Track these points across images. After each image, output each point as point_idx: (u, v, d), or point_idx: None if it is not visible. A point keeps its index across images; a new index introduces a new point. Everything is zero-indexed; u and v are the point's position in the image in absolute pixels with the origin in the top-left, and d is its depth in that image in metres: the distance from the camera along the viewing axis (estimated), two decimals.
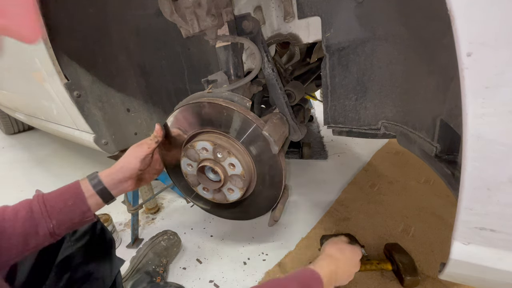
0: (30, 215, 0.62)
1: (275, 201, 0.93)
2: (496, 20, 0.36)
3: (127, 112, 1.21)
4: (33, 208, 0.63)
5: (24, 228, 0.61)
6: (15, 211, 0.62)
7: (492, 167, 0.43)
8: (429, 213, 1.39)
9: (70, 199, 0.67)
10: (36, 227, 0.62)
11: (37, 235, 0.62)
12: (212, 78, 0.90)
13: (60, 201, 0.66)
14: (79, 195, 0.68)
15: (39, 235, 0.62)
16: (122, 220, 1.56)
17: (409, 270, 1.01)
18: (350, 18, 0.73)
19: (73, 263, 0.78)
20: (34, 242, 0.62)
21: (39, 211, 0.63)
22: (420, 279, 0.99)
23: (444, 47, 0.52)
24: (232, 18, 0.80)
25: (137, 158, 0.78)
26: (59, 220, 0.64)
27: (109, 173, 0.74)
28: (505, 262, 0.50)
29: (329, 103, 0.87)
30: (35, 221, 0.62)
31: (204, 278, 1.15)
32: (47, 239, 0.64)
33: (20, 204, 0.64)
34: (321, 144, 2.27)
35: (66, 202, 0.66)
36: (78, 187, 0.69)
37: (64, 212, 0.65)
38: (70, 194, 0.68)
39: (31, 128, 3.37)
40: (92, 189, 0.71)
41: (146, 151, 0.79)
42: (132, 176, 0.78)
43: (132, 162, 0.77)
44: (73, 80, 1.01)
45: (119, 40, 1.12)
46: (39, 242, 0.63)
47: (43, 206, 0.64)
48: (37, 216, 0.63)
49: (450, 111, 0.56)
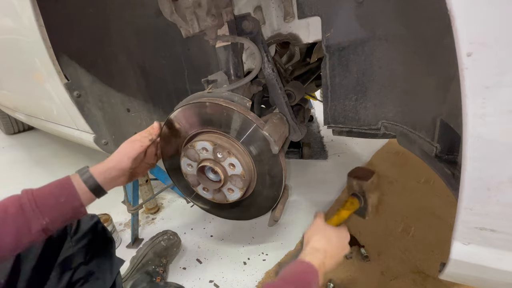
0: (21, 212, 0.61)
1: (275, 201, 0.93)
2: (496, 20, 0.36)
3: (127, 112, 1.21)
4: (23, 205, 0.61)
5: (16, 225, 0.60)
6: (4, 207, 0.61)
7: (492, 167, 0.43)
8: (429, 213, 1.39)
9: (62, 195, 0.66)
10: (29, 224, 0.61)
11: (29, 233, 0.61)
12: (212, 78, 0.90)
13: (51, 198, 0.65)
14: (71, 191, 0.67)
15: (32, 233, 0.61)
16: (122, 220, 1.56)
17: None
18: (350, 18, 0.73)
19: (74, 263, 0.78)
20: (27, 239, 0.61)
21: (30, 208, 0.61)
22: None
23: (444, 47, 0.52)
24: (232, 18, 0.80)
25: (129, 158, 0.76)
26: (52, 217, 0.63)
27: (102, 171, 0.73)
28: (505, 262, 0.50)
29: (329, 103, 0.87)
30: (27, 218, 0.61)
31: (204, 278, 1.15)
32: (40, 235, 0.63)
33: (8, 200, 0.62)
34: (321, 144, 2.27)
35: (58, 199, 0.65)
36: (70, 183, 0.68)
37: (57, 209, 0.64)
38: (62, 190, 0.67)
39: (31, 128, 3.37)
40: (84, 185, 0.69)
41: (139, 149, 0.78)
42: (124, 174, 0.77)
43: (124, 162, 0.76)
44: (73, 80, 1.01)
45: (119, 40, 1.12)
46: (32, 239, 0.62)
47: (34, 203, 0.62)
48: (29, 213, 0.61)
49: (450, 111, 0.56)
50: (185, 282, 1.13)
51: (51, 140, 2.94)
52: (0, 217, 0.59)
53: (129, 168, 0.77)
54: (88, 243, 0.81)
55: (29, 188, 0.66)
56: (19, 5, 0.89)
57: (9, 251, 0.60)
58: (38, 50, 0.94)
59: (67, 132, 1.34)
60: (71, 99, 1.03)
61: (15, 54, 1.20)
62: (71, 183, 0.68)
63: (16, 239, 0.60)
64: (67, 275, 0.76)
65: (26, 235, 0.61)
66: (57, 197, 0.65)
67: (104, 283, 0.83)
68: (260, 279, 1.13)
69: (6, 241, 0.59)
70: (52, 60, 0.95)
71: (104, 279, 0.83)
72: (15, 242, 0.60)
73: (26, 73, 1.25)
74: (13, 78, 1.47)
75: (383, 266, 1.12)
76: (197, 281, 1.14)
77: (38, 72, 1.09)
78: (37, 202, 0.63)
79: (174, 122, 0.90)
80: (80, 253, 0.79)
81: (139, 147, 0.78)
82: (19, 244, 0.60)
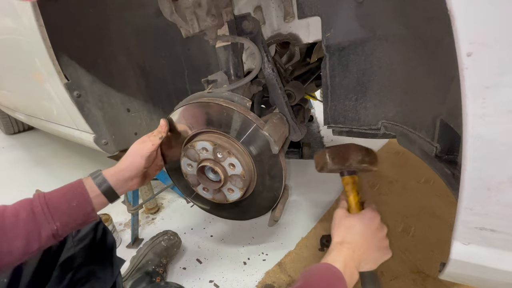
0: (32, 216, 0.60)
1: (275, 201, 0.93)
2: (496, 20, 0.36)
3: (127, 112, 1.21)
4: (34, 209, 0.61)
5: (26, 230, 0.59)
6: (16, 212, 0.60)
7: (492, 167, 0.43)
8: (429, 213, 1.39)
9: (74, 199, 0.65)
10: (39, 229, 0.60)
11: (39, 238, 0.60)
12: (212, 78, 0.90)
13: (64, 202, 0.64)
14: (83, 195, 0.66)
15: (42, 238, 0.60)
16: (122, 220, 1.56)
17: None
18: (350, 18, 0.72)
19: (75, 263, 0.78)
20: (36, 244, 0.60)
21: (41, 213, 0.60)
22: None
23: (444, 47, 0.52)
24: (232, 18, 0.80)
25: (143, 157, 0.75)
26: (63, 222, 0.62)
27: (114, 173, 0.72)
28: (505, 262, 0.50)
29: (329, 103, 0.87)
30: (38, 223, 0.60)
31: (204, 278, 1.15)
32: (50, 241, 0.62)
33: (20, 204, 0.62)
34: (321, 144, 2.27)
35: (70, 203, 0.64)
36: (82, 187, 0.67)
37: (68, 214, 0.63)
38: (74, 194, 0.66)
39: (31, 128, 3.38)
40: (97, 188, 0.68)
41: (151, 148, 0.77)
42: (137, 175, 0.76)
43: (137, 161, 0.75)
44: (73, 80, 1.01)
45: (119, 40, 1.12)
46: (42, 244, 0.61)
47: (45, 207, 0.61)
48: (40, 218, 0.60)
49: (450, 111, 0.56)
50: (185, 282, 1.13)
51: (51, 140, 2.94)
52: (11, 222, 0.58)
53: (143, 168, 0.76)
54: (89, 244, 0.81)
55: (41, 192, 0.65)
56: (19, 5, 0.90)
57: (18, 256, 0.59)
58: (38, 50, 0.94)
59: (67, 132, 1.34)
60: (71, 99, 1.03)
61: (15, 54, 1.20)
62: (83, 187, 0.67)
63: (26, 244, 0.59)
64: (68, 275, 0.76)
65: (36, 240, 0.60)
66: (69, 201, 0.64)
67: (105, 283, 0.83)
68: (260, 279, 1.13)
69: (16, 246, 0.58)
70: (52, 60, 0.95)
71: (105, 279, 0.83)
72: (25, 247, 0.59)
73: (26, 73, 1.25)
74: (13, 78, 1.47)
75: (383, 266, 1.11)
76: (197, 281, 1.14)
77: (38, 72, 1.09)
78: (49, 206, 0.62)
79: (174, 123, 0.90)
80: (81, 253, 0.79)
81: (151, 146, 0.77)
82: (28, 249, 0.60)
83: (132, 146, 0.78)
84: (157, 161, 0.89)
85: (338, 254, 0.64)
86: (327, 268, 0.61)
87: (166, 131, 0.82)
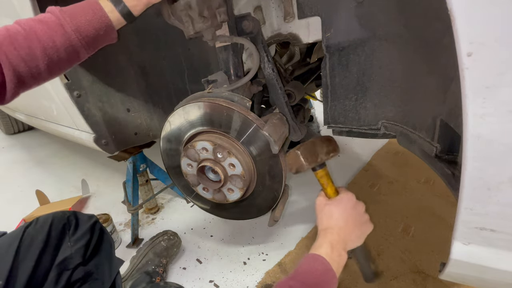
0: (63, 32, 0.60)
1: (275, 201, 0.93)
2: (496, 20, 0.36)
3: (127, 112, 1.20)
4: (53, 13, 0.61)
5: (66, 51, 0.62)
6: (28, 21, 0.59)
7: (492, 167, 0.43)
8: (429, 213, 1.39)
9: (89, 12, 0.64)
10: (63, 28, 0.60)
11: (77, 55, 0.65)
12: (212, 78, 0.90)
13: (81, 14, 0.63)
14: (99, 10, 0.65)
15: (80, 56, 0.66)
16: (122, 220, 1.56)
17: None
18: (350, 18, 0.72)
19: (72, 263, 0.77)
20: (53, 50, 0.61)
21: (59, 15, 0.61)
22: None
23: (444, 47, 0.52)
24: (226, 18, 0.79)
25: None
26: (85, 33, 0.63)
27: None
28: (505, 262, 0.50)
29: (329, 103, 0.87)
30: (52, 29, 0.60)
31: (204, 278, 1.15)
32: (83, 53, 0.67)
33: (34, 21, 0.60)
34: None
35: (86, 16, 0.63)
36: (97, 3, 0.66)
37: (89, 24, 0.63)
38: (88, 8, 0.64)
39: (31, 128, 3.38)
40: (110, 3, 0.66)
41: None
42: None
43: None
44: (73, 80, 1.01)
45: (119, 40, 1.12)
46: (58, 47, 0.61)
47: (62, 12, 0.61)
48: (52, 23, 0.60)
49: (450, 111, 0.56)
50: (185, 282, 1.13)
51: (51, 140, 2.94)
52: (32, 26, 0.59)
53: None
54: (86, 244, 0.81)
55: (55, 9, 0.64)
56: (19, 5, 0.89)
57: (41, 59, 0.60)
58: None
59: (67, 132, 1.34)
60: (71, 99, 1.03)
61: None
62: (98, 3, 0.66)
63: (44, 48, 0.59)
64: (65, 276, 0.75)
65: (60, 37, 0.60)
66: (85, 14, 0.64)
67: (103, 283, 0.83)
68: (260, 279, 1.13)
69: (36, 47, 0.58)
70: None
71: (102, 280, 0.83)
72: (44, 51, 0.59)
73: None
74: None
75: (383, 266, 1.12)
76: (197, 281, 1.14)
77: None
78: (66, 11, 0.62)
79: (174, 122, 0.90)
80: (78, 254, 0.79)
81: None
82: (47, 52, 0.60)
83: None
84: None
85: (324, 240, 0.68)
86: (313, 257, 0.65)
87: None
